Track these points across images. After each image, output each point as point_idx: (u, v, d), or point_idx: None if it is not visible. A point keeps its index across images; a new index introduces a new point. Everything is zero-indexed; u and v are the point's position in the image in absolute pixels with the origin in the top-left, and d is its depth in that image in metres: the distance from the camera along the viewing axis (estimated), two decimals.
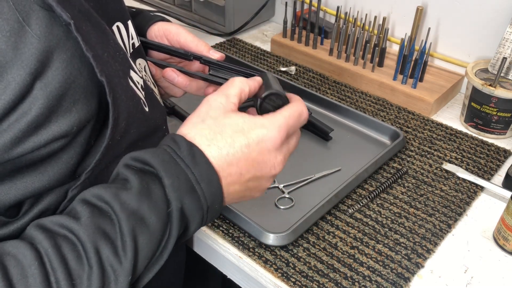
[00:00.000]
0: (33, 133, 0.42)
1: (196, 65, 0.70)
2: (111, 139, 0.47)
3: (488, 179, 0.81)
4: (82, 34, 0.43)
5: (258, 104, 0.53)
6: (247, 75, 0.63)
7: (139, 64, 0.62)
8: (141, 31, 0.70)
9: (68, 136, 0.44)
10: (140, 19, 0.71)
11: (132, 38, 0.61)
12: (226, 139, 0.48)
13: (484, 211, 0.75)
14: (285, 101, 0.54)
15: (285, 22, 1.14)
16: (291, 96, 0.56)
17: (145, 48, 0.68)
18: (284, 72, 1.09)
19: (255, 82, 0.55)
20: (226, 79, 0.63)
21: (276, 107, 0.53)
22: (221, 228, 0.71)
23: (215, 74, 0.65)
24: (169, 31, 0.69)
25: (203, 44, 0.67)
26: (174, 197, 0.46)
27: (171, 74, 0.65)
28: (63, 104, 0.43)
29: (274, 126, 0.50)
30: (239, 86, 0.53)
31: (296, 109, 0.52)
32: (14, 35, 0.39)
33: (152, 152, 0.47)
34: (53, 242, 0.42)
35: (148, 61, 0.66)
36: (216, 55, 0.66)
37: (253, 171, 0.50)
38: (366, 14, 1.08)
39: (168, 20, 0.72)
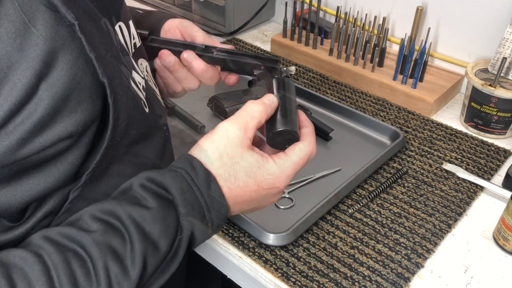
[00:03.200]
0: (39, 134, 0.42)
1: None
2: (111, 140, 0.47)
3: (488, 179, 0.81)
4: (86, 34, 0.43)
5: (269, 137, 0.54)
6: (263, 60, 0.67)
7: (141, 64, 0.62)
8: (155, 30, 0.71)
9: (74, 136, 0.44)
10: (152, 18, 0.72)
11: (134, 38, 0.61)
12: (238, 182, 0.51)
13: (484, 211, 0.75)
14: (295, 137, 0.55)
15: (285, 22, 1.14)
16: (303, 131, 0.56)
17: (158, 48, 0.68)
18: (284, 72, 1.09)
19: (271, 109, 0.55)
20: (245, 63, 0.68)
21: (286, 141, 0.55)
22: (221, 228, 0.71)
23: (234, 59, 0.68)
24: (183, 26, 0.71)
25: (213, 40, 0.70)
26: (187, 225, 0.48)
27: (190, 55, 0.67)
28: (69, 104, 0.43)
29: (284, 174, 0.53)
30: (258, 118, 0.53)
31: (307, 151, 0.54)
32: (20, 37, 0.39)
33: (170, 177, 0.49)
34: (63, 257, 0.42)
35: (164, 51, 0.67)
36: (227, 47, 0.69)
37: (258, 202, 0.54)
38: (366, 14, 1.08)
39: (176, 17, 0.73)
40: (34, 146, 0.42)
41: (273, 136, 0.54)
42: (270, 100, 0.55)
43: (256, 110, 0.53)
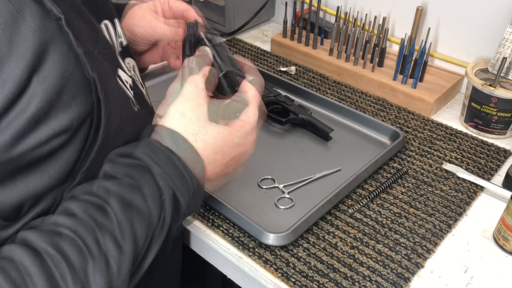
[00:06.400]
0: (33, 129, 0.41)
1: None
2: (105, 137, 0.47)
3: (488, 179, 0.81)
4: (73, 29, 0.42)
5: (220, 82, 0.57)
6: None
7: (128, 63, 0.61)
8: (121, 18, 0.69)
9: (69, 131, 0.44)
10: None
11: (120, 37, 0.60)
12: (211, 131, 0.51)
13: (484, 211, 0.75)
14: (241, 75, 0.58)
15: (285, 22, 1.14)
16: (244, 67, 0.59)
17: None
18: (284, 72, 1.09)
19: (208, 58, 0.57)
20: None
21: (233, 81, 0.58)
22: (221, 228, 0.71)
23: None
24: (133, 17, 0.68)
25: (166, 30, 0.66)
26: (165, 184, 0.47)
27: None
28: (63, 98, 0.42)
29: (249, 109, 0.54)
30: (198, 70, 0.54)
31: (258, 83, 0.57)
32: (9, 28, 0.38)
33: (136, 146, 0.48)
34: (51, 240, 0.41)
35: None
36: (179, 33, 0.65)
37: (233, 153, 0.54)
38: (366, 14, 1.08)
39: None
40: (29, 142, 0.41)
41: (221, 84, 0.56)
42: (202, 51, 0.57)
43: (192, 62, 0.54)
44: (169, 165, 0.48)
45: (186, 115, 0.51)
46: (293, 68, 1.10)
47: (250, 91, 0.56)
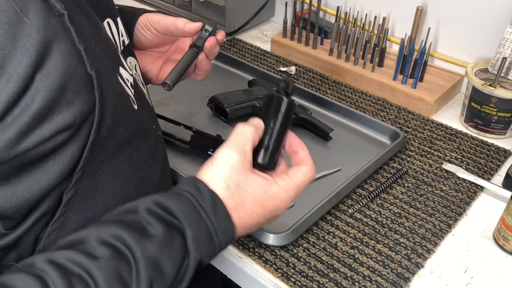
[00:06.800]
0: (37, 126, 0.41)
1: (186, 44, 0.75)
2: (96, 135, 0.47)
3: (488, 179, 0.81)
4: (75, 26, 0.43)
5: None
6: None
7: (130, 62, 0.61)
8: (129, 29, 0.70)
9: (72, 128, 0.44)
10: (124, 16, 0.70)
11: (122, 36, 0.61)
12: (246, 210, 0.52)
13: (484, 211, 0.75)
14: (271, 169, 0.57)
15: (285, 22, 1.14)
16: (302, 155, 0.57)
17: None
18: (284, 72, 1.09)
19: (261, 130, 0.56)
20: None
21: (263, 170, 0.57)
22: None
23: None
24: (149, 21, 0.71)
25: (179, 21, 0.70)
26: (194, 249, 0.48)
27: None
28: (66, 95, 0.43)
29: (287, 196, 0.54)
30: (252, 140, 0.54)
31: (309, 175, 0.56)
32: (13, 27, 0.38)
33: (176, 200, 0.48)
34: (67, 282, 0.41)
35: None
36: (192, 27, 0.69)
37: (261, 223, 0.55)
38: (366, 14, 1.08)
39: (150, 11, 0.73)
40: (33, 139, 0.41)
41: (254, 165, 0.55)
42: (257, 123, 0.56)
43: (249, 132, 0.54)
44: (202, 229, 0.48)
45: (230, 188, 0.51)
46: (293, 68, 1.10)
47: (297, 180, 0.55)
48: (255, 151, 0.55)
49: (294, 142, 0.58)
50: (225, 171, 0.51)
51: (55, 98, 0.42)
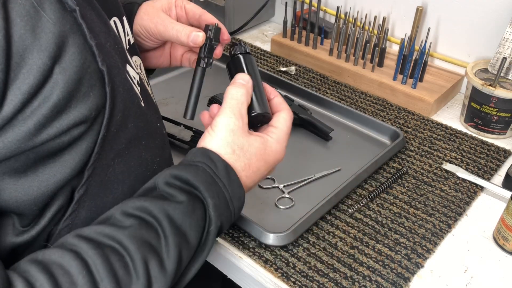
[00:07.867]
0: (55, 119, 0.42)
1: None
2: (107, 130, 0.47)
3: (488, 179, 0.81)
4: (86, 21, 0.43)
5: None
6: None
7: (135, 61, 0.62)
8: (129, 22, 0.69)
9: (87, 121, 0.45)
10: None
11: (128, 35, 0.61)
12: (253, 168, 0.57)
13: (484, 211, 0.75)
14: (269, 118, 0.62)
15: (285, 22, 1.14)
16: (276, 101, 0.62)
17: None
18: (284, 72, 1.09)
19: (250, 88, 0.60)
20: None
21: (259, 121, 0.62)
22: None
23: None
24: (148, 31, 0.67)
25: (181, 35, 0.64)
26: (216, 215, 0.51)
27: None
28: (81, 89, 0.43)
29: (282, 145, 0.60)
30: (245, 102, 0.58)
31: (288, 118, 0.61)
32: (31, 20, 0.39)
33: (193, 172, 0.52)
34: (100, 253, 0.43)
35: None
36: (197, 41, 0.64)
37: (264, 176, 0.61)
38: (366, 14, 1.08)
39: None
40: (51, 131, 0.42)
41: (250, 119, 0.59)
42: (245, 81, 0.59)
43: (241, 94, 0.58)
44: (221, 198, 0.52)
45: (236, 152, 0.56)
46: (293, 68, 1.10)
47: (283, 127, 0.60)
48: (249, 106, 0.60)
49: (267, 89, 0.62)
50: (229, 137, 0.55)
51: (72, 91, 0.42)
